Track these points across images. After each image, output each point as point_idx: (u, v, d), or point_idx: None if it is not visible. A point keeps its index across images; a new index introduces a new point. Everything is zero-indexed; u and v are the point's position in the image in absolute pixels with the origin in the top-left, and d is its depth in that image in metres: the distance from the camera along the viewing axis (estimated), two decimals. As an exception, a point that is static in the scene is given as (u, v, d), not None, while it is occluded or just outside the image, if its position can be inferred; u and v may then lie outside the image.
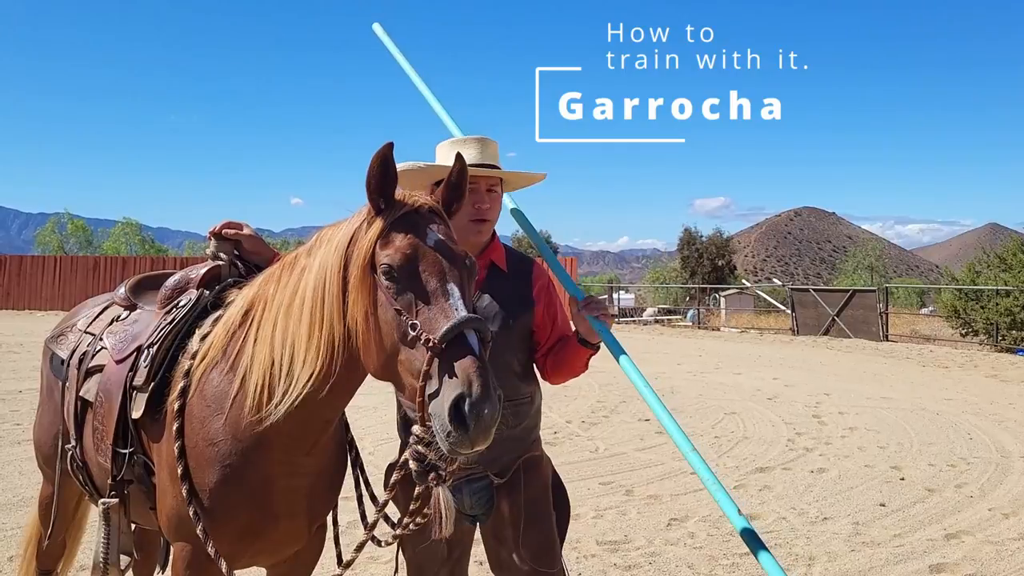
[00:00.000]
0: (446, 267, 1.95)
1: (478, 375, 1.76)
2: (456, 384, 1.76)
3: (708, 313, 33.13)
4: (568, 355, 2.53)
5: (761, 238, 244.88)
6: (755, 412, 10.12)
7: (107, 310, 2.97)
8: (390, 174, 2.02)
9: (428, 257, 1.96)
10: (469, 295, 1.99)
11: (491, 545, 2.51)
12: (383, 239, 1.99)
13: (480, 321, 1.87)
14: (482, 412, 1.74)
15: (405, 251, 1.95)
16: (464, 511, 2.45)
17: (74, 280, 33.85)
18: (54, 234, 51.53)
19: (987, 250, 25.53)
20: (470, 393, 1.74)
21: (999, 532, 5.42)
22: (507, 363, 2.46)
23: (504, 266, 2.54)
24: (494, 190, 2.55)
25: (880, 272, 62.58)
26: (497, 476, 2.46)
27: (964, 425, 9.39)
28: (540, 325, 2.54)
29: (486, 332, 1.88)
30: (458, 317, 1.84)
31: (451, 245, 2.01)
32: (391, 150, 2.00)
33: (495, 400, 1.77)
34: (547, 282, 2.60)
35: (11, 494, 5.95)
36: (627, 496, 6.18)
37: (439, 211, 2.11)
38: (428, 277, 1.93)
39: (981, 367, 16.22)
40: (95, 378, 2.65)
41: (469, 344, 1.81)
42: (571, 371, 2.58)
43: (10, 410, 9.41)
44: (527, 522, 2.47)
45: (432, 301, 1.90)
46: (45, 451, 3.12)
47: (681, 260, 53.68)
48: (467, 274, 2.00)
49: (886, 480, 6.83)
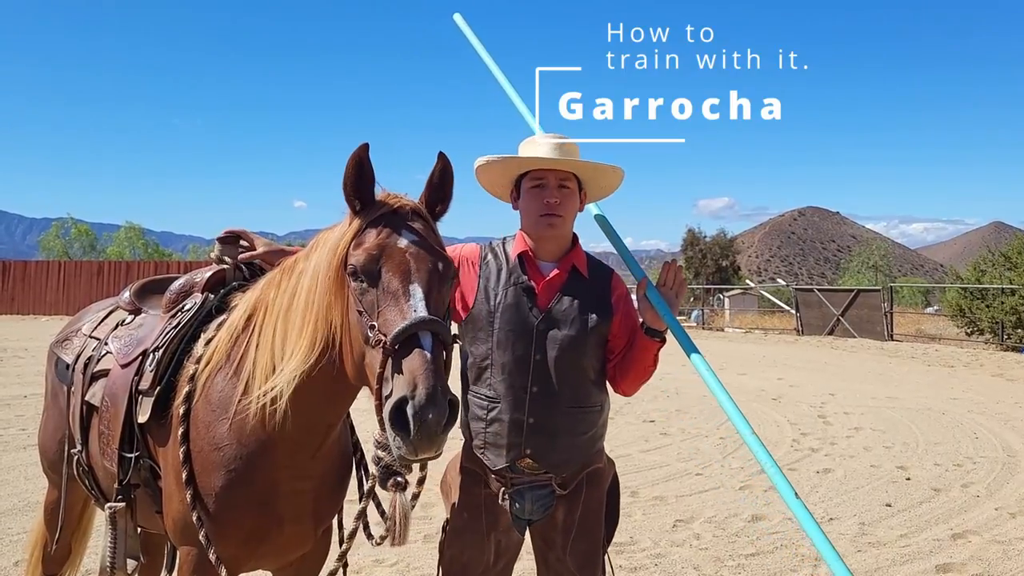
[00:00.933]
0: (412, 268, 1.91)
1: (424, 377, 1.70)
2: (402, 386, 1.72)
3: (712, 314, 33.09)
4: (635, 352, 2.44)
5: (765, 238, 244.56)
6: (760, 413, 10.10)
7: (112, 315, 2.98)
8: (365, 175, 2.01)
9: (395, 258, 1.93)
10: (439, 298, 1.93)
11: (539, 545, 2.51)
12: (357, 240, 1.98)
13: (437, 323, 1.82)
14: (425, 417, 1.67)
15: (371, 252, 1.93)
16: (522, 516, 2.43)
17: (78, 285, 33.90)
18: (58, 239, 51.64)
19: (992, 249, 25.44)
20: (412, 396, 1.69)
21: (1006, 532, 5.40)
22: (583, 368, 2.42)
23: (585, 271, 2.48)
24: (566, 186, 2.44)
25: (884, 271, 62.44)
26: (560, 487, 2.43)
27: (970, 424, 9.36)
28: (617, 334, 2.47)
29: (445, 334, 1.84)
30: (412, 318, 1.80)
31: (423, 246, 1.97)
32: (366, 151, 1.98)
33: (442, 405, 1.70)
34: (626, 292, 2.53)
35: (16, 499, 5.96)
36: (632, 497, 6.17)
37: (420, 212, 2.07)
38: (391, 278, 1.90)
39: (987, 366, 16.18)
40: (100, 382, 2.65)
41: (421, 346, 1.76)
42: (640, 371, 2.46)
43: (15, 415, 9.41)
44: (578, 533, 2.45)
45: (393, 302, 1.86)
46: (50, 456, 3.12)
47: (685, 261, 53.59)
48: (438, 276, 1.95)
49: (892, 480, 6.81)
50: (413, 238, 1.98)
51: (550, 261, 2.46)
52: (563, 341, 2.37)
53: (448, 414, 1.72)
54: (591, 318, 2.40)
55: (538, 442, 2.37)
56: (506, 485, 2.40)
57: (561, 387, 2.37)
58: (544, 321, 2.38)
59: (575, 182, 2.47)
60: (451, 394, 1.75)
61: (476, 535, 2.43)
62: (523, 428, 2.35)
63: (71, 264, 36.09)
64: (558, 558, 2.45)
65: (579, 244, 2.54)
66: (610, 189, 2.65)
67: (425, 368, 1.72)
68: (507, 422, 2.36)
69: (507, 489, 2.40)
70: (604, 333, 2.45)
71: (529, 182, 2.43)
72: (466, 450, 2.50)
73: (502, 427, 2.37)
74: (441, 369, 1.78)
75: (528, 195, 2.43)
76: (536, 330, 2.37)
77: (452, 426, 1.75)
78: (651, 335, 2.39)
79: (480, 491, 2.44)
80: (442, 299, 1.96)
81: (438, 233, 2.12)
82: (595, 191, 2.62)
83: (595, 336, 2.42)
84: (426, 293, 1.88)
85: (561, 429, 2.38)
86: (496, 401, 2.38)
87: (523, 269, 2.43)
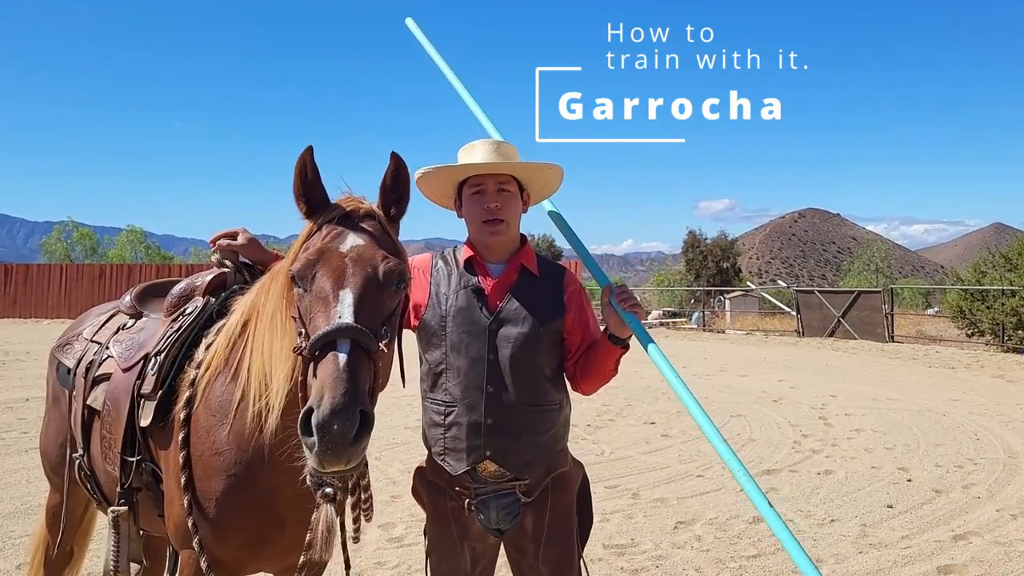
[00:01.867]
0: (347, 273, 1.86)
1: (332, 386, 1.64)
2: (312, 396, 1.67)
3: (713, 315, 33.09)
4: (598, 355, 2.46)
5: (765, 240, 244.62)
6: (761, 414, 10.10)
7: (113, 318, 2.99)
8: (308, 179, 1.99)
9: (331, 262, 1.88)
10: (374, 304, 1.86)
11: (511, 554, 2.50)
12: (305, 244, 1.97)
13: (356, 330, 1.75)
14: (329, 428, 1.60)
15: (310, 257, 1.90)
16: (489, 526, 2.43)
17: (80, 288, 33.92)
18: (59, 242, 51.64)
19: (992, 250, 25.40)
20: (318, 405, 1.63)
21: (1007, 533, 5.40)
22: (538, 366, 2.43)
23: (535, 270, 2.50)
24: (506, 189, 2.45)
25: (885, 273, 62.41)
26: (524, 495, 2.42)
27: (971, 426, 9.36)
28: (571, 331, 2.49)
29: (367, 341, 1.76)
30: (332, 325, 1.75)
31: (366, 251, 1.92)
32: (310, 155, 1.96)
33: (348, 416, 1.62)
34: (578, 289, 2.55)
35: (19, 502, 5.96)
36: (633, 499, 6.17)
37: (374, 213, 2.04)
38: (324, 283, 1.85)
39: (987, 367, 16.17)
40: (102, 386, 2.66)
41: (336, 353, 1.70)
42: (601, 374, 2.49)
43: (17, 418, 9.42)
44: (548, 539, 2.44)
45: (322, 308, 1.82)
46: (52, 460, 3.13)
47: (686, 262, 53.57)
48: (376, 283, 1.88)
49: (893, 481, 6.81)
50: (357, 242, 1.93)
51: (499, 263, 2.48)
52: (516, 339, 2.38)
53: (358, 425, 1.64)
54: (543, 316, 2.42)
55: (498, 443, 2.36)
56: (470, 495, 2.39)
57: (517, 386, 2.37)
58: (496, 321, 2.38)
59: (515, 184, 2.49)
60: (364, 405, 1.67)
61: (449, 545, 2.44)
62: (481, 429, 2.35)
63: (72, 267, 36.12)
64: (531, 566, 2.45)
65: (528, 244, 2.56)
66: (552, 187, 2.66)
67: (335, 377, 1.65)
68: (465, 425, 2.36)
69: (471, 500, 2.39)
70: (558, 330, 2.47)
71: (469, 189, 2.44)
72: (428, 461, 2.49)
73: (460, 430, 2.36)
74: (359, 378, 1.69)
75: (469, 202, 2.44)
76: (488, 330, 2.37)
77: (364, 439, 1.67)
78: (614, 342, 2.42)
79: (445, 503, 2.43)
80: (379, 305, 1.89)
81: (393, 236, 2.07)
82: (538, 191, 2.63)
83: (548, 333, 2.43)
84: (357, 299, 1.82)
85: (520, 428, 2.38)
86: (453, 405, 2.38)
87: (472, 272, 2.44)
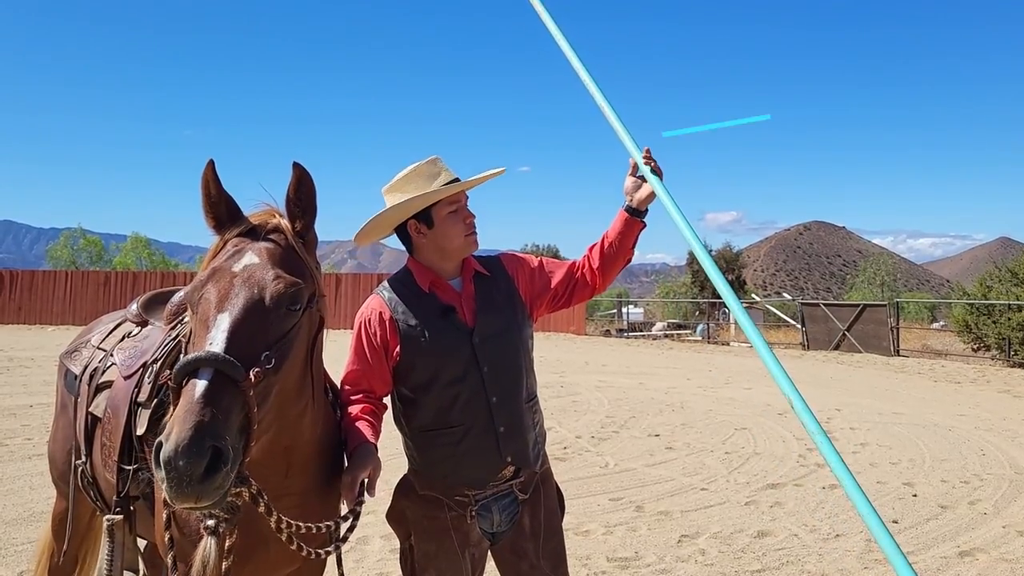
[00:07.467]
0: (230, 295, 1.76)
1: (180, 420, 1.53)
2: (165, 428, 1.56)
3: (718, 328, 33.00)
4: (619, 238, 2.49)
5: (770, 252, 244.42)
6: (766, 427, 10.06)
7: (120, 326, 3.00)
8: (212, 194, 1.93)
9: (218, 284, 1.79)
10: (257, 329, 1.75)
11: (509, 560, 2.50)
12: (208, 263, 1.91)
13: (219, 359, 1.62)
14: (175, 464, 1.49)
15: (201, 278, 1.83)
16: (490, 529, 2.46)
17: (85, 295, 34.05)
18: (66, 249, 51.87)
19: (999, 264, 25.35)
20: (166, 439, 1.52)
21: (1013, 550, 5.35)
22: (521, 362, 2.50)
23: (485, 271, 2.56)
24: None
25: (891, 286, 62.26)
26: (521, 491, 2.49)
27: (977, 441, 9.31)
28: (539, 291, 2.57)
29: (231, 369, 1.62)
30: (193, 353, 1.65)
31: (257, 270, 1.82)
32: (211, 170, 1.90)
33: (194, 451, 1.49)
34: (512, 257, 2.64)
35: (22, 509, 5.96)
36: (637, 512, 6.15)
37: (280, 227, 1.97)
38: (207, 307, 1.76)
39: (993, 382, 16.10)
40: (104, 394, 2.66)
41: (195, 382, 1.59)
42: (621, 254, 2.52)
43: (21, 424, 9.44)
44: (546, 534, 2.51)
45: (201, 333, 1.73)
46: (59, 466, 3.13)
47: (691, 274, 53.50)
48: (260, 307, 1.77)
49: (899, 497, 6.77)
50: (252, 261, 1.84)
51: (456, 276, 2.53)
52: (500, 344, 2.44)
53: (208, 461, 1.51)
54: (512, 311, 2.51)
55: (514, 446, 2.44)
56: (470, 503, 2.42)
57: (514, 387, 2.46)
58: (476, 334, 2.42)
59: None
60: (218, 439, 1.53)
61: (450, 556, 2.42)
62: (497, 439, 2.40)
63: (77, 274, 36.23)
64: (532, 565, 2.47)
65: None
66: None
67: (186, 410, 1.54)
68: (481, 441, 2.40)
69: (472, 507, 2.42)
70: (527, 313, 2.56)
71: (445, 208, 2.45)
72: (423, 482, 2.48)
73: (477, 448, 2.40)
74: (218, 410, 1.57)
75: (448, 220, 2.46)
76: (472, 345, 2.41)
77: (216, 476, 1.53)
78: (633, 215, 2.49)
79: (444, 514, 2.43)
80: (263, 330, 1.76)
81: (300, 253, 1.97)
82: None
83: (524, 322, 2.53)
84: (234, 323, 1.71)
85: (526, 425, 2.48)
86: (463, 426, 2.39)
87: (435, 293, 2.47)
